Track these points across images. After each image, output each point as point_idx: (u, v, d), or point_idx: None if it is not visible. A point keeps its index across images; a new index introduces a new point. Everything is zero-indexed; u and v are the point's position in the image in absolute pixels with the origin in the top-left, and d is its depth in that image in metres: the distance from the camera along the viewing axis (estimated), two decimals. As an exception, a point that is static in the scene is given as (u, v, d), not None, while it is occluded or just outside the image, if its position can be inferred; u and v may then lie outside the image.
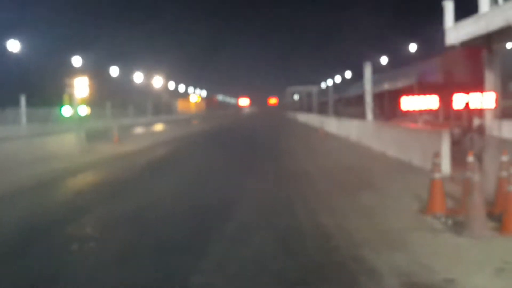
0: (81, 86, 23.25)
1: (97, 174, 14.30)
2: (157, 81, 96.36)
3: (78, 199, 10.24)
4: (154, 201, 9.63)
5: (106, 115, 59.51)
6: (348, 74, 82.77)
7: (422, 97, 16.76)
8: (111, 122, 53.78)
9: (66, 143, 20.39)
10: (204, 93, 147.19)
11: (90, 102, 56.17)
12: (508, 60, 18.10)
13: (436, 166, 7.63)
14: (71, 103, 23.15)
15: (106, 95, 63.77)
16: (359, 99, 30.78)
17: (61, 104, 25.67)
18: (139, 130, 45.15)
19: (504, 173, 7.26)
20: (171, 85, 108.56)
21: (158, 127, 51.84)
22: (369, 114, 19.53)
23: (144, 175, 13.82)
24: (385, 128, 17.05)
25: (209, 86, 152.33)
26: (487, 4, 16.86)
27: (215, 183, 11.96)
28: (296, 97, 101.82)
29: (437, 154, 7.69)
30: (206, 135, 34.48)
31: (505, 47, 17.42)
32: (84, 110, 23.56)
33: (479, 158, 9.29)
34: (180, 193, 10.62)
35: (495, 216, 7.18)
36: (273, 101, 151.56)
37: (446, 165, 11.23)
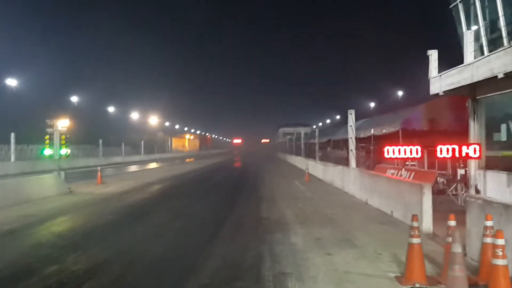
0: (62, 127, 22.69)
1: (66, 222, 13.35)
2: (153, 120, 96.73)
3: (33, 253, 9.37)
4: (114, 257, 8.89)
5: (98, 154, 58.87)
6: (338, 116, 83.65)
7: (404, 147, 16.29)
8: (102, 160, 53.20)
9: (45, 185, 19.60)
10: (198, 132, 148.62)
11: (82, 140, 56.07)
12: (493, 110, 17.80)
13: (415, 229, 7.00)
14: (52, 143, 22.57)
15: (101, 133, 63.68)
16: (347, 142, 30.43)
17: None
18: (128, 169, 44.37)
19: (488, 240, 6.65)
20: (167, 124, 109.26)
21: (149, 166, 51.12)
22: (353, 161, 19.02)
23: (114, 224, 13.04)
24: (367, 177, 16.50)
25: (204, 126, 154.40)
26: (472, 54, 16.71)
27: (186, 235, 11.33)
28: (287, 137, 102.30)
29: (415, 217, 7.06)
30: (195, 175, 33.89)
31: (489, 97, 17.14)
32: (64, 150, 22.97)
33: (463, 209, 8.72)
34: (147, 246, 9.94)
35: (479, 286, 6.54)
36: (265, 141, 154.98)
37: (427, 222, 10.63)
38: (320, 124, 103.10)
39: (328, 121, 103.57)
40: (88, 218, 14.08)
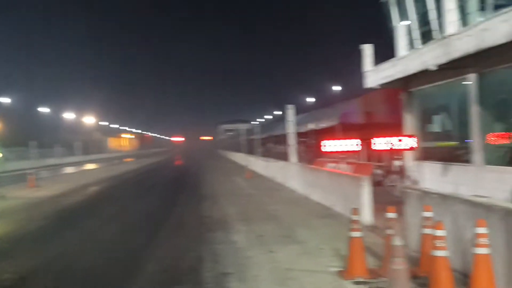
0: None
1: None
2: (89, 120, 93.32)
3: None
4: (46, 264, 8.31)
5: (31, 156, 56.01)
6: (280, 112, 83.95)
7: (342, 141, 16.45)
8: (35, 163, 50.63)
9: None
10: (137, 131, 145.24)
11: (13, 142, 52.96)
12: (426, 102, 18.33)
13: (355, 222, 6.93)
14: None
15: (34, 134, 60.80)
16: (286, 138, 30.60)
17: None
18: (63, 171, 42.50)
19: (427, 231, 6.67)
20: (104, 123, 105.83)
21: (85, 167, 49.24)
22: (293, 156, 19.02)
23: (46, 229, 12.30)
24: (308, 171, 16.54)
25: (143, 124, 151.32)
26: (405, 47, 17.10)
27: (123, 239, 10.80)
28: (228, 134, 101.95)
29: (355, 210, 6.99)
30: (134, 175, 33.02)
31: (423, 90, 17.63)
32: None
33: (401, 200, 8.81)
34: (81, 251, 9.38)
35: (420, 277, 6.56)
36: (206, 138, 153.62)
37: (367, 215, 10.70)
38: (262, 120, 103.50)
39: (270, 116, 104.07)
40: (19, 223, 13.25)
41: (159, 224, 12.13)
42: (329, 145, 17.11)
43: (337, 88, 64.45)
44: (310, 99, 74.75)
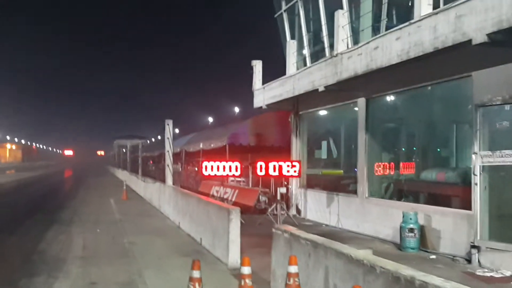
0: None
1: None
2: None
3: None
4: None
5: None
6: (177, 130, 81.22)
7: (223, 163, 14.74)
8: None
9: None
10: (23, 141, 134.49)
11: None
12: (315, 126, 17.20)
13: (195, 281, 4.95)
14: None
15: None
16: (178, 156, 28.49)
17: None
18: None
19: (290, 292, 4.89)
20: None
21: None
22: (169, 178, 16.78)
23: None
24: (180, 196, 14.40)
25: (31, 135, 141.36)
26: (295, 65, 15.84)
27: None
28: (123, 150, 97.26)
29: (196, 264, 5.03)
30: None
31: (312, 112, 16.47)
32: None
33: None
34: None
35: None
36: (100, 153, 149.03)
37: (234, 254, 8.80)
38: (159, 137, 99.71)
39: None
40: None
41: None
42: (209, 168, 15.26)
43: (236, 108, 63.50)
44: (210, 118, 73.07)
